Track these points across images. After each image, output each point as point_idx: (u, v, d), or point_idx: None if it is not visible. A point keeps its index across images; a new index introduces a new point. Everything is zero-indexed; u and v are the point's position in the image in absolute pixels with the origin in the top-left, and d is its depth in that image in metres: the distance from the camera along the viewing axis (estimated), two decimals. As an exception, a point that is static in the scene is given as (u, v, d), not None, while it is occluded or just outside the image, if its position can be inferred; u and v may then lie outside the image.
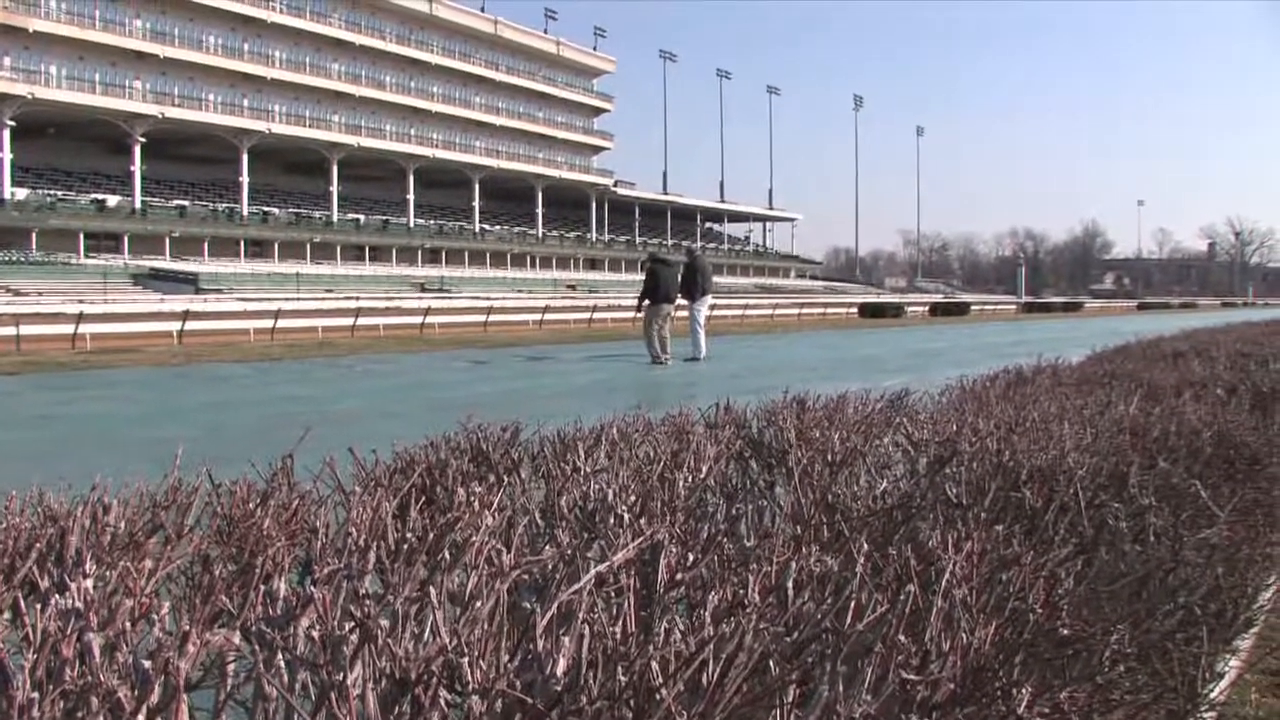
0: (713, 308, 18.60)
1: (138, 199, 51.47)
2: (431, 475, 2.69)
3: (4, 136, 46.64)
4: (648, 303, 14.02)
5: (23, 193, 47.88)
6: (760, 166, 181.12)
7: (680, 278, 14.52)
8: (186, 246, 52.06)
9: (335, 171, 60.61)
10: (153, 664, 1.20)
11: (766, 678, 1.29)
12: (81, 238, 47.59)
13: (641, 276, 16.60)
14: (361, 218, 63.32)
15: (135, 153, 51.23)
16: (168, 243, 51.36)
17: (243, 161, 55.67)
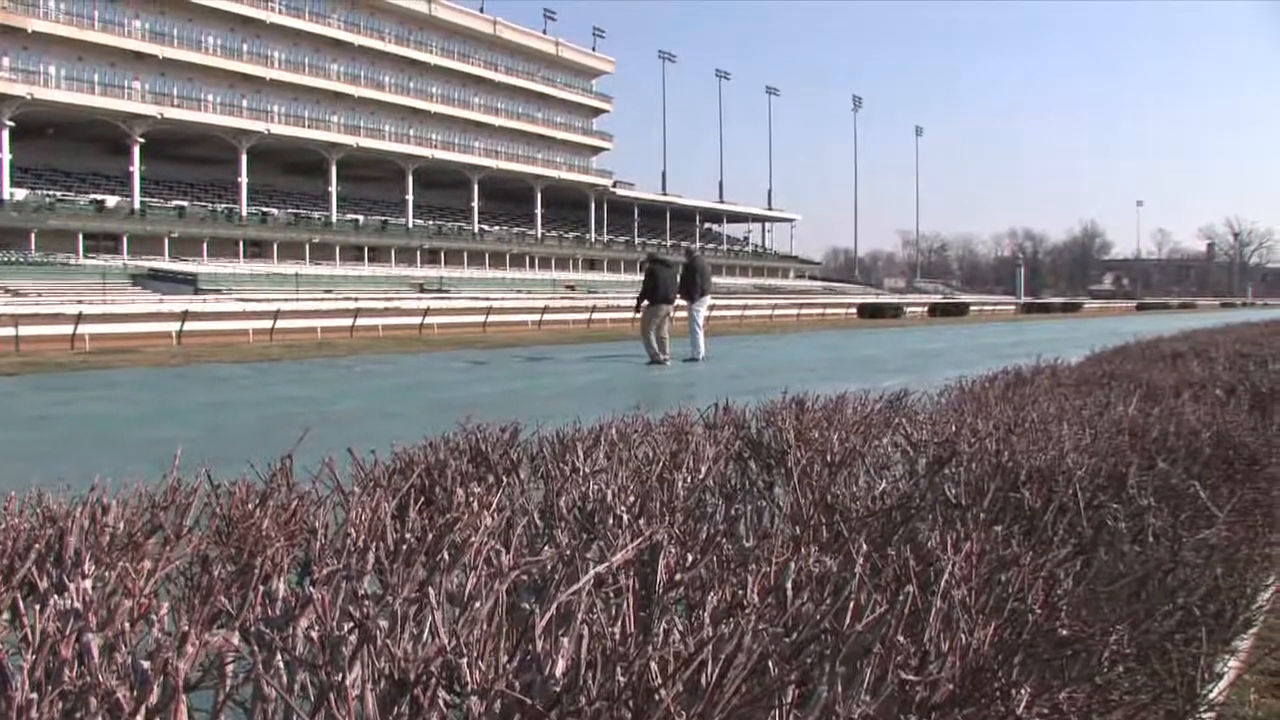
0: (712, 308, 18.60)
1: (136, 199, 51.44)
2: (430, 476, 2.68)
3: (3, 137, 46.61)
4: (646, 303, 14.03)
5: (22, 193, 47.87)
6: (759, 167, 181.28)
7: (679, 278, 14.51)
8: (185, 247, 52.03)
9: (334, 172, 60.57)
10: (151, 664, 1.20)
11: (765, 678, 1.29)
12: (80, 238, 47.58)
13: (640, 277, 16.59)
14: (360, 218, 63.28)
15: (134, 153, 51.20)
16: (167, 243, 51.33)
17: (242, 162, 55.65)
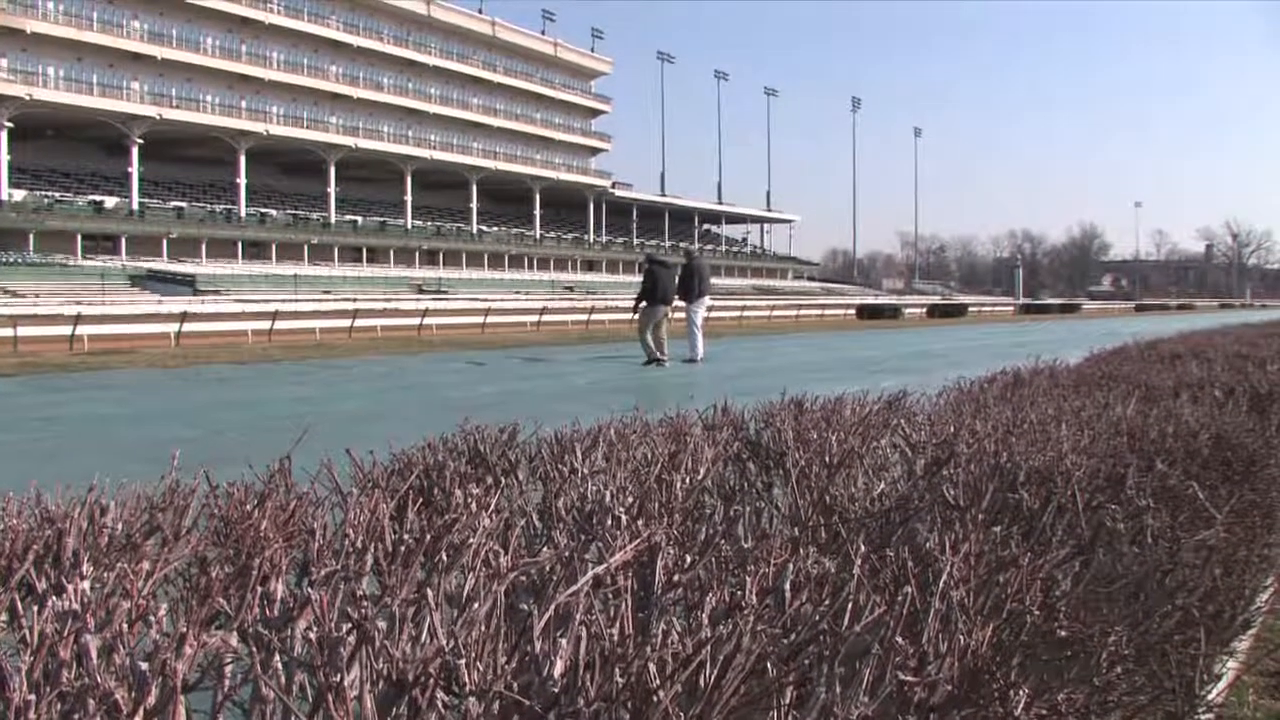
0: (710, 309, 18.60)
1: (135, 200, 51.43)
2: (429, 477, 2.68)
3: (2, 138, 46.60)
4: (645, 304, 14.03)
5: (20, 194, 47.87)
6: (758, 168, 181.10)
7: (678, 279, 14.52)
8: (184, 248, 52.02)
9: (333, 173, 60.55)
10: (150, 665, 1.20)
11: (764, 679, 1.29)
12: (79, 239, 47.60)
13: (639, 278, 16.60)
14: (359, 219, 63.28)
15: (133, 154, 51.20)
16: (165, 244, 51.32)
17: (240, 163, 55.65)
